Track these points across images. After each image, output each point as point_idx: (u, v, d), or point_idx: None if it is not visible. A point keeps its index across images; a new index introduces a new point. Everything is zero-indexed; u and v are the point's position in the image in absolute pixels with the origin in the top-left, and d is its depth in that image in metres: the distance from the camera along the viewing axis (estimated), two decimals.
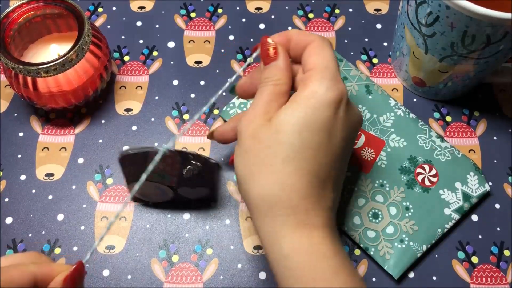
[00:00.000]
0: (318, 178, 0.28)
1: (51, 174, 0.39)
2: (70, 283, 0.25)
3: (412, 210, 0.37)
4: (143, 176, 0.29)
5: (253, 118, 0.28)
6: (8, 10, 0.38)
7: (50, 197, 0.38)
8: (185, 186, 0.34)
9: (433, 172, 0.38)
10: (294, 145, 0.27)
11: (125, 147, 0.40)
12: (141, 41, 0.45)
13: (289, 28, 0.46)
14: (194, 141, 0.41)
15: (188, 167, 0.34)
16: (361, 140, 0.39)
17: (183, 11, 0.47)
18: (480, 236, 0.37)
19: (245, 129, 0.29)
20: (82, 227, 0.37)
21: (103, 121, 0.41)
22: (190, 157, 0.34)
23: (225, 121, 0.41)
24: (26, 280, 0.24)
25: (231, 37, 0.46)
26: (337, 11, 0.48)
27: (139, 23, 0.46)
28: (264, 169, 0.27)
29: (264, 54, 0.30)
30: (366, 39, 0.46)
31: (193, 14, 0.47)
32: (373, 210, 0.37)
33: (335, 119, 0.28)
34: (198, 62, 0.44)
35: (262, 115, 0.28)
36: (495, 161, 0.40)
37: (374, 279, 0.36)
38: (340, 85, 0.28)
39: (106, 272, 0.35)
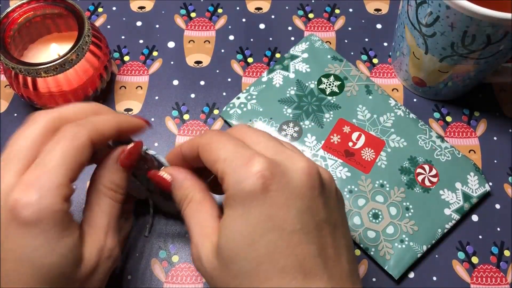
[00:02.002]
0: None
1: None
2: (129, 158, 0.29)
3: (412, 210, 0.37)
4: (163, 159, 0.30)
5: (197, 255, 0.26)
6: (8, 10, 0.38)
7: None
8: (157, 194, 0.34)
9: (433, 172, 0.38)
10: (251, 263, 0.23)
11: None
12: (141, 41, 0.45)
13: (289, 28, 0.46)
14: None
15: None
16: (361, 140, 0.39)
17: (183, 11, 0.47)
18: (480, 236, 0.37)
19: (199, 269, 0.26)
20: None
21: None
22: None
23: (225, 121, 0.41)
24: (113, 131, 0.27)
25: (231, 37, 0.46)
26: (337, 11, 0.48)
27: (139, 23, 0.46)
28: None
29: (160, 185, 0.29)
30: (366, 39, 0.46)
31: (193, 14, 0.47)
32: (373, 210, 0.37)
33: (266, 210, 0.23)
34: (198, 62, 0.44)
35: (203, 244, 0.25)
36: (495, 161, 0.40)
37: (374, 279, 0.36)
38: (251, 163, 0.23)
39: None
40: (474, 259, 0.37)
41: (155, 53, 0.45)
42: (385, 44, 0.46)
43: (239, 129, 0.27)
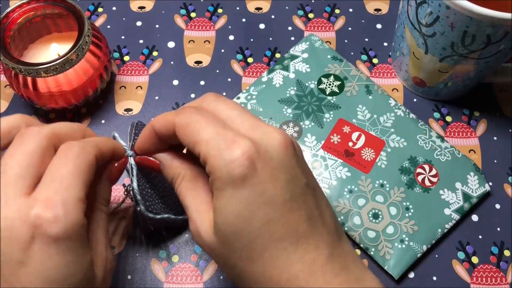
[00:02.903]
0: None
1: None
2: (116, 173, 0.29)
3: (412, 210, 0.37)
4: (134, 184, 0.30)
5: (196, 231, 0.26)
6: (8, 10, 0.38)
7: None
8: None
9: (433, 172, 0.38)
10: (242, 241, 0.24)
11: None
12: (141, 41, 0.45)
13: (289, 28, 0.46)
14: None
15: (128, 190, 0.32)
16: (361, 140, 0.39)
17: (183, 11, 0.47)
18: (480, 236, 0.37)
19: (199, 243, 0.27)
20: None
21: (103, 121, 0.41)
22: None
23: None
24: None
25: (231, 37, 0.46)
26: (337, 11, 0.48)
27: (139, 23, 0.46)
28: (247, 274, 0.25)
29: (150, 168, 0.29)
30: (366, 39, 0.46)
31: (193, 14, 0.47)
32: (373, 210, 0.37)
33: (256, 188, 0.24)
34: (198, 62, 0.44)
35: (201, 220, 0.26)
36: (495, 161, 0.40)
37: None
38: (236, 145, 0.24)
39: None
40: (474, 259, 0.37)
41: (155, 53, 0.45)
42: (385, 44, 0.46)
43: (210, 102, 0.27)
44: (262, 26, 0.46)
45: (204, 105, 0.27)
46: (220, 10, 0.47)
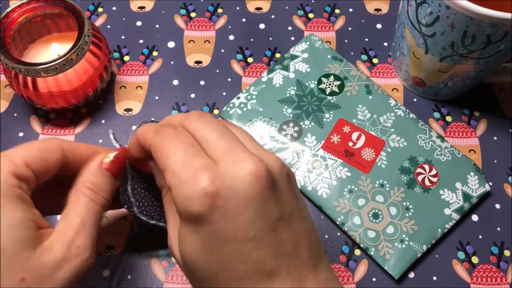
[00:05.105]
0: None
1: None
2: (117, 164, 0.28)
3: (412, 210, 0.37)
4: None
5: (170, 246, 0.26)
6: (8, 10, 0.38)
7: None
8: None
9: (433, 172, 0.38)
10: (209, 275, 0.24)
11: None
12: (141, 41, 0.45)
13: (289, 28, 0.46)
14: None
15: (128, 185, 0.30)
16: (361, 140, 0.39)
17: (183, 11, 0.47)
18: (480, 236, 0.37)
19: (173, 256, 0.27)
20: None
21: (103, 121, 0.41)
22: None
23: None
24: (56, 149, 0.27)
25: (231, 37, 0.46)
26: (337, 11, 0.48)
27: (139, 23, 0.46)
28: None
29: (145, 170, 0.29)
30: (366, 39, 0.46)
31: (193, 14, 0.47)
32: (373, 210, 0.37)
33: (214, 227, 0.23)
34: (198, 62, 0.44)
35: (176, 239, 0.26)
36: (495, 161, 0.40)
37: (374, 279, 0.36)
38: (197, 178, 0.22)
39: (106, 272, 0.35)
40: (474, 259, 0.37)
41: (155, 53, 0.45)
42: (385, 44, 0.46)
43: (190, 122, 0.25)
44: (262, 26, 0.46)
45: (185, 123, 0.26)
46: (220, 10, 0.47)
